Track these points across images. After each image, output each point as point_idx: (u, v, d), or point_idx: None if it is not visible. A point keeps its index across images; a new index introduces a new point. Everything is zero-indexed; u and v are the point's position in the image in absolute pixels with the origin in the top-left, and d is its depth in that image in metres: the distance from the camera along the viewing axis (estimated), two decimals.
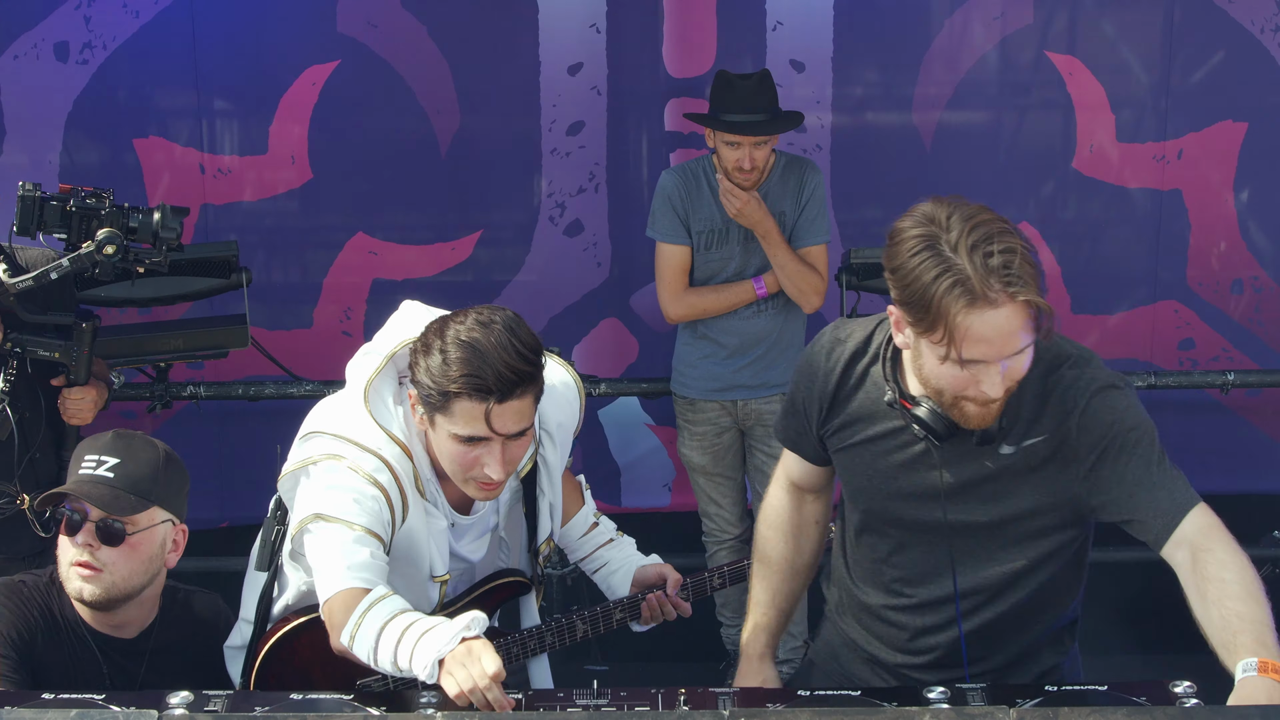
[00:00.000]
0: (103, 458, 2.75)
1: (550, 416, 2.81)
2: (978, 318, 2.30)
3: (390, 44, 4.94)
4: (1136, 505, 2.42)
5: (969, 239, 2.31)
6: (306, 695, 2.46)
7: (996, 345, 2.33)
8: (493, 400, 2.52)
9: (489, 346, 2.52)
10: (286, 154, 5.01)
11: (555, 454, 2.86)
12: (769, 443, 4.61)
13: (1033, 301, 2.30)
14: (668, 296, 4.55)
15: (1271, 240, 5.15)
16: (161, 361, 4.67)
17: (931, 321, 2.33)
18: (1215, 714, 2.23)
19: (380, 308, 5.13)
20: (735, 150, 4.35)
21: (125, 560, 2.74)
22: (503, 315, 2.58)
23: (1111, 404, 2.45)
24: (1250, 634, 2.22)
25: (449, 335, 2.56)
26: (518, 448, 2.62)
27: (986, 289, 2.28)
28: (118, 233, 3.47)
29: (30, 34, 4.84)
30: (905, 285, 2.36)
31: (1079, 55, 5.02)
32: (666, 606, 3.00)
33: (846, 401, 2.63)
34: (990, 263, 2.28)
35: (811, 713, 2.28)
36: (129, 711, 2.32)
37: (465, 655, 2.41)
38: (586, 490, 3.14)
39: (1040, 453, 2.49)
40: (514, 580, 2.93)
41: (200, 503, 5.17)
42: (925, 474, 2.56)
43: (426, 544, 2.73)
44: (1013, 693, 2.45)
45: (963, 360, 2.34)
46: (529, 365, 2.55)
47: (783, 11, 4.97)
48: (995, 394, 2.37)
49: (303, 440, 2.75)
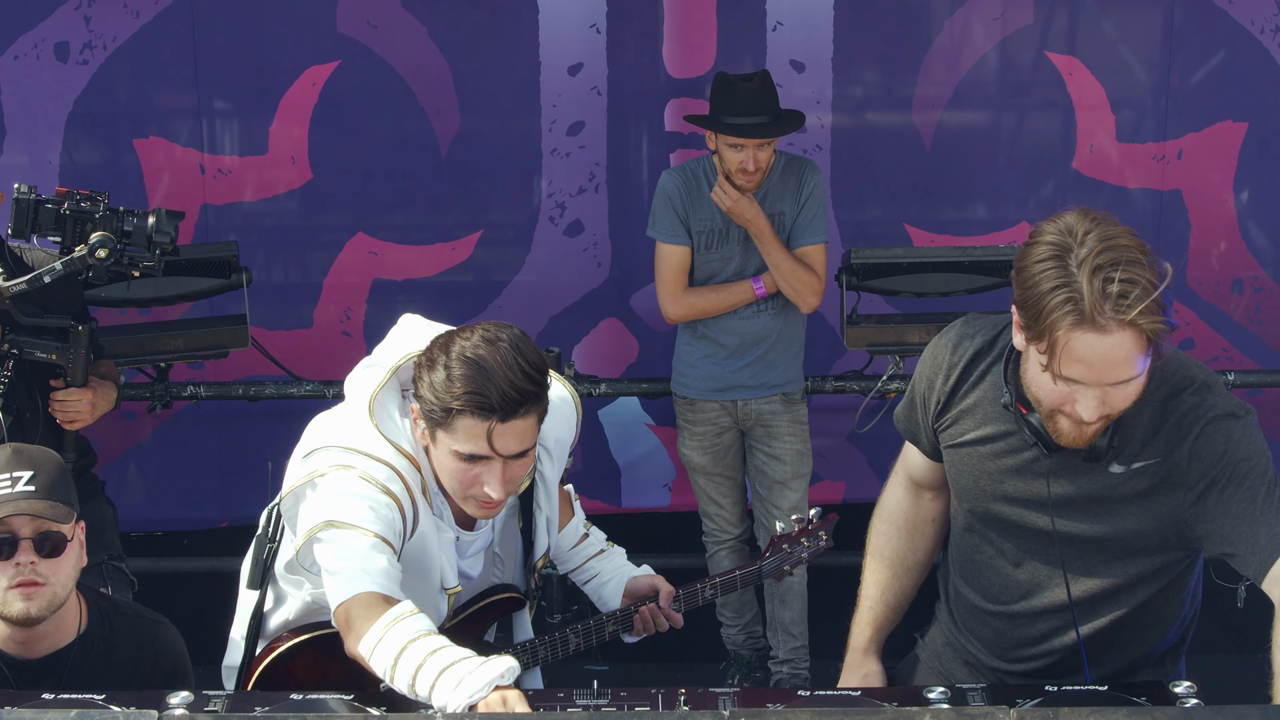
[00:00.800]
0: (15, 473, 2.71)
1: (549, 432, 2.77)
2: (1081, 338, 2.27)
3: (390, 44, 4.94)
4: (1238, 539, 2.38)
5: (1095, 260, 2.26)
6: (306, 695, 2.46)
7: (1096, 370, 2.29)
8: (495, 419, 2.50)
9: (494, 365, 2.49)
10: (286, 154, 5.01)
11: (553, 469, 2.83)
12: (769, 443, 4.61)
13: (1145, 333, 2.25)
14: (667, 296, 4.55)
15: (1271, 240, 5.15)
16: (161, 361, 4.67)
17: (1039, 330, 2.31)
18: (1215, 714, 2.23)
19: (380, 308, 5.14)
20: (739, 152, 4.35)
21: (64, 569, 2.74)
22: (509, 333, 2.55)
23: (1226, 432, 2.41)
24: None
25: (454, 351, 2.53)
26: (519, 467, 2.60)
27: (1097, 313, 2.24)
28: (111, 236, 3.46)
29: (30, 34, 4.84)
30: (1024, 288, 2.34)
31: (1079, 55, 5.02)
32: (659, 618, 2.99)
33: (964, 398, 2.60)
34: (1109, 289, 2.24)
35: (811, 713, 2.28)
36: (129, 711, 2.33)
37: (499, 706, 2.36)
38: (576, 501, 3.12)
39: (1150, 476, 2.45)
40: (510, 597, 2.91)
41: (200, 503, 5.21)
42: (1032, 481, 2.53)
43: (437, 555, 2.71)
44: (1013, 693, 2.45)
45: (1061, 376, 2.32)
46: (534, 385, 2.52)
47: (783, 11, 4.96)
48: (1088, 417, 2.33)
49: (305, 458, 2.69)
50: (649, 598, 3.01)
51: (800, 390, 4.66)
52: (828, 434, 5.10)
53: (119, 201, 3.58)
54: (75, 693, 2.63)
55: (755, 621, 4.86)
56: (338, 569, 2.56)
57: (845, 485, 5.28)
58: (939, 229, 5.11)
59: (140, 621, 2.96)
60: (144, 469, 5.24)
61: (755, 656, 4.86)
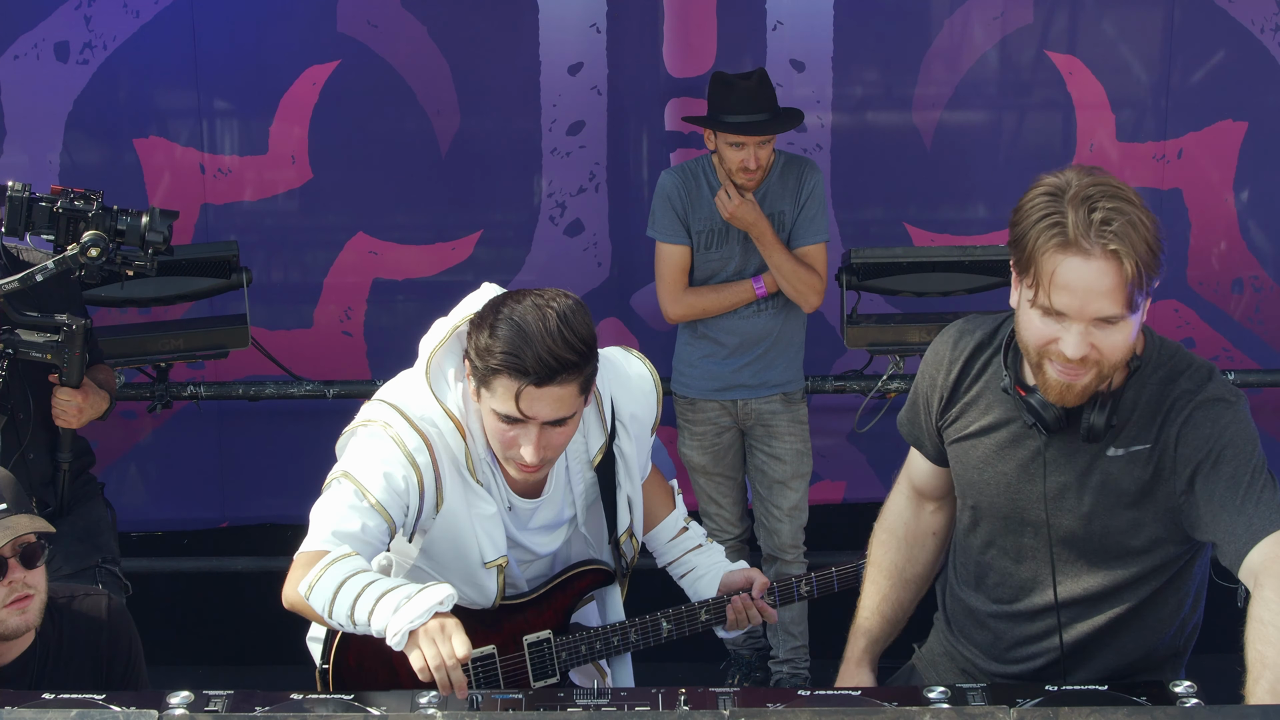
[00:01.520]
0: None
1: (624, 407, 2.83)
2: (1064, 263, 2.30)
3: (390, 44, 4.94)
4: (1219, 526, 2.38)
5: (1084, 192, 2.31)
6: (306, 695, 2.46)
7: (1079, 298, 2.31)
8: (529, 383, 2.53)
9: (535, 330, 2.52)
10: (287, 154, 5.01)
11: (631, 446, 2.85)
12: (769, 443, 4.61)
13: (1127, 266, 2.28)
14: (667, 296, 4.55)
15: (1271, 240, 5.15)
16: (161, 361, 4.67)
17: (1026, 261, 2.36)
18: (1215, 714, 2.23)
19: (380, 307, 5.14)
20: (740, 151, 4.35)
21: (43, 574, 2.77)
22: (562, 302, 2.58)
23: (1214, 417, 2.41)
24: (1268, 680, 2.20)
25: (503, 312, 2.57)
26: (558, 434, 2.62)
27: (1080, 237, 2.28)
28: (103, 235, 3.45)
29: (30, 34, 4.84)
30: (1015, 225, 2.39)
31: (1079, 55, 5.02)
32: (752, 610, 2.98)
33: (967, 390, 2.61)
34: (1093, 216, 2.29)
35: (811, 713, 2.28)
36: (129, 711, 2.32)
37: (438, 632, 2.41)
38: (678, 495, 3.13)
39: (1145, 462, 2.45)
40: (594, 569, 2.92)
41: (200, 503, 5.21)
42: (1034, 472, 2.53)
43: (471, 529, 2.72)
44: (1013, 692, 2.45)
45: (1047, 307, 2.34)
46: (574, 354, 2.54)
47: (783, 11, 4.96)
48: (1072, 353, 2.33)
49: (367, 405, 2.76)
50: (745, 589, 3.00)
51: (800, 390, 4.66)
52: (828, 434, 5.10)
53: (119, 201, 3.58)
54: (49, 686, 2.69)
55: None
56: (317, 519, 2.62)
57: (845, 485, 5.28)
58: (939, 229, 5.11)
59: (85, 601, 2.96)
60: (144, 469, 5.25)
61: (755, 656, 4.86)
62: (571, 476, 2.83)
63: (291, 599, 2.63)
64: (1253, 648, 2.25)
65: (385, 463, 2.64)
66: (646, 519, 3.06)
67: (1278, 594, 2.27)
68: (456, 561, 2.76)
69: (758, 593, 2.99)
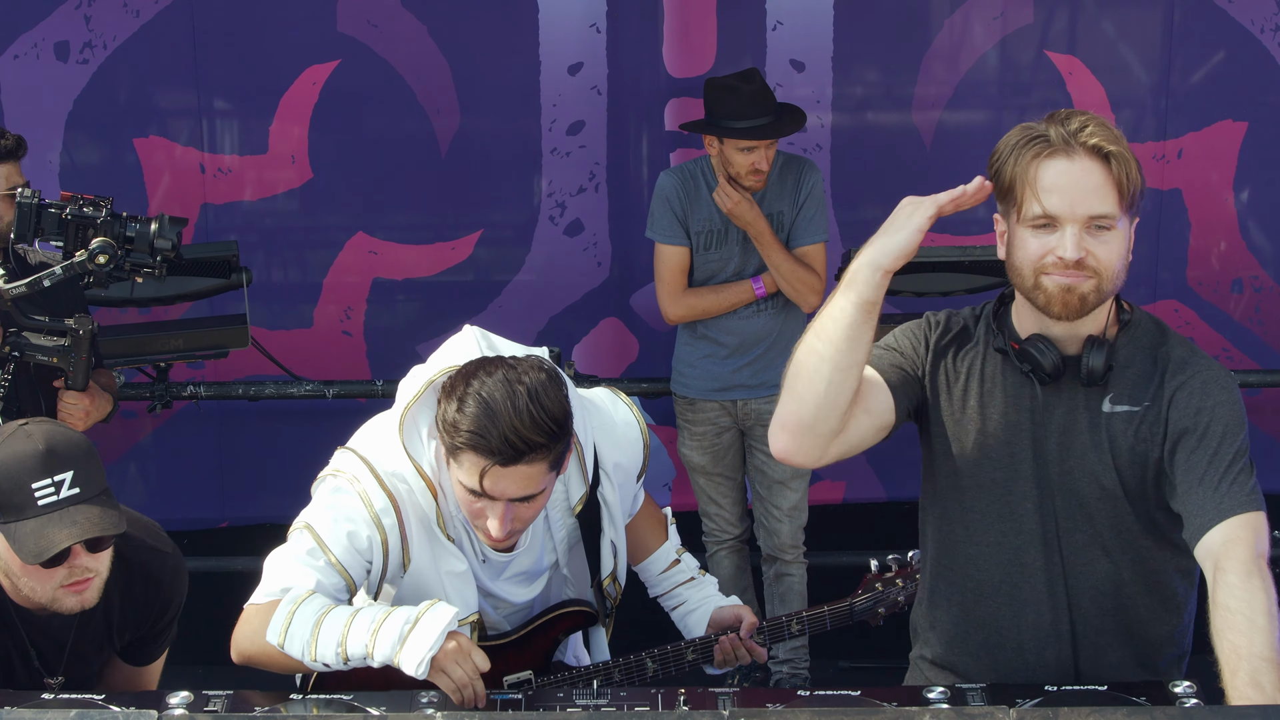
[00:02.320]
0: (56, 476, 2.57)
1: (608, 456, 2.77)
2: (1049, 166, 2.36)
3: (390, 44, 4.94)
4: (1189, 499, 2.36)
5: (1058, 116, 2.40)
6: (306, 695, 2.46)
7: (1069, 197, 2.35)
8: (495, 462, 2.48)
9: (504, 409, 2.45)
10: (286, 154, 5.02)
11: (614, 494, 2.80)
12: (769, 442, 4.60)
13: (1112, 159, 2.34)
14: (667, 297, 4.55)
15: (1271, 240, 5.15)
16: (161, 361, 4.68)
17: (1011, 182, 2.40)
18: (1215, 714, 2.22)
19: (380, 307, 5.15)
20: (751, 154, 4.36)
21: (108, 553, 2.67)
22: (534, 376, 2.50)
23: (1211, 391, 2.41)
24: (1245, 671, 2.18)
25: (473, 385, 2.50)
26: (526, 509, 2.57)
27: (1062, 142, 2.35)
28: (111, 242, 3.45)
29: (30, 34, 4.84)
30: (995, 164, 2.44)
31: (1079, 55, 5.02)
32: (740, 649, 2.92)
33: (954, 358, 2.57)
34: (1070, 125, 2.37)
35: (811, 713, 2.28)
36: (129, 711, 2.33)
37: (458, 653, 2.42)
38: (672, 525, 3.09)
39: (1138, 425, 2.44)
40: (576, 610, 2.89)
41: (200, 503, 5.21)
42: (1028, 427, 2.49)
43: (439, 588, 2.68)
44: (1013, 693, 2.45)
45: (1037, 215, 2.36)
46: (542, 436, 2.47)
47: (783, 11, 4.97)
48: (1070, 253, 2.35)
49: (340, 450, 2.72)
50: (733, 628, 2.94)
51: None
52: None
53: (120, 202, 3.58)
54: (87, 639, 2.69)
55: None
56: (275, 570, 2.61)
57: (845, 485, 5.28)
58: (939, 228, 5.01)
59: (153, 556, 2.87)
60: (144, 469, 5.25)
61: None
62: (552, 525, 2.79)
63: (249, 650, 2.59)
64: (1224, 638, 2.22)
65: (349, 520, 2.61)
66: (638, 550, 3.03)
67: (1241, 579, 2.24)
68: None
69: (746, 632, 2.92)
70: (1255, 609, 2.22)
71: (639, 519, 3.00)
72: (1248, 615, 2.21)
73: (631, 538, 3.01)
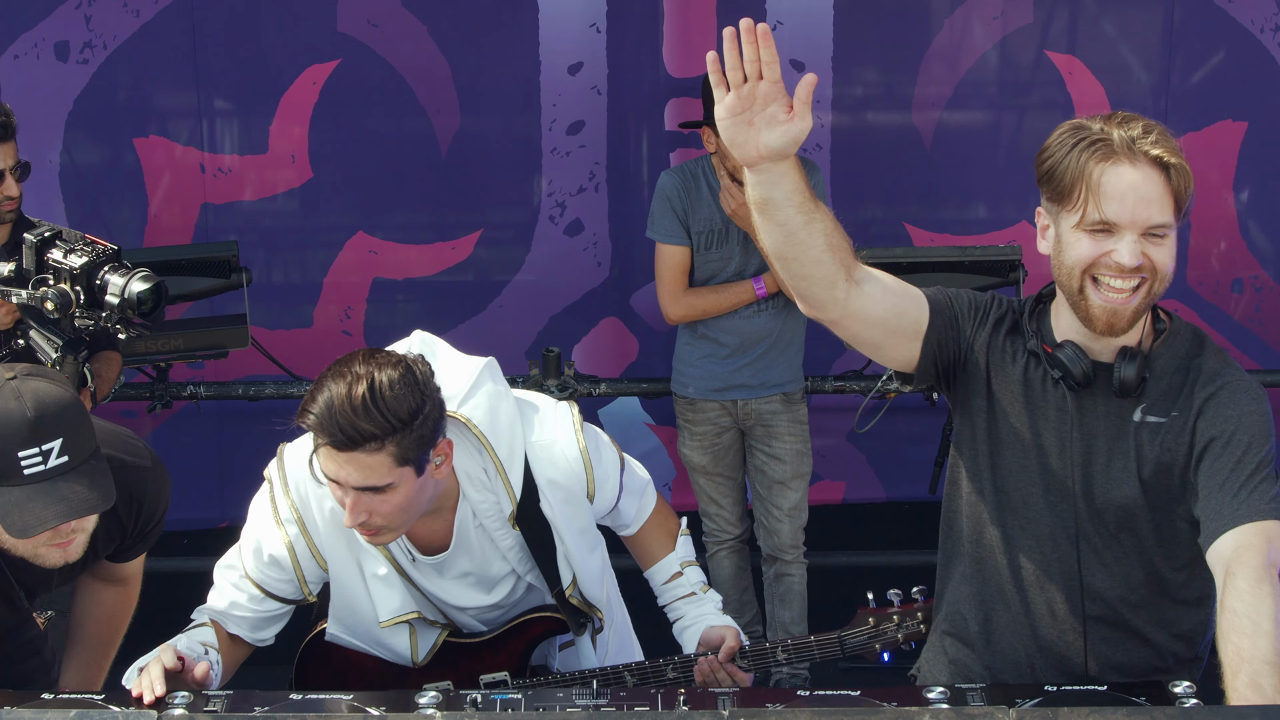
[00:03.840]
0: (45, 444, 2.43)
1: (542, 473, 2.75)
2: (1112, 172, 2.36)
3: (390, 44, 4.94)
4: (1208, 503, 2.36)
5: (1117, 116, 2.41)
6: (306, 695, 2.46)
7: (1129, 205, 2.36)
8: (328, 443, 2.50)
9: (336, 395, 2.47)
10: (286, 153, 5.02)
11: (555, 510, 2.77)
12: (769, 443, 4.61)
13: (1172, 170, 2.37)
14: (667, 297, 4.55)
15: (1271, 240, 5.15)
16: (161, 361, 4.67)
17: (1069, 185, 2.38)
18: (1215, 714, 2.22)
19: (380, 307, 5.14)
20: None
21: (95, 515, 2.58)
22: (385, 373, 2.50)
23: (1239, 402, 2.41)
24: (1247, 673, 2.18)
25: (332, 369, 2.53)
26: (381, 503, 2.55)
27: (1125, 148, 2.36)
28: (70, 294, 3.29)
29: (30, 34, 4.84)
30: (1047, 160, 2.42)
31: (1079, 55, 5.02)
32: (720, 672, 2.86)
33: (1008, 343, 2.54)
34: (1131, 130, 2.37)
35: (811, 713, 2.28)
36: (129, 711, 2.33)
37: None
38: (684, 536, 3.07)
39: (1166, 434, 2.44)
40: (547, 616, 2.89)
41: (200, 502, 5.20)
42: (1058, 433, 2.49)
43: (362, 589, 2.74)
44: (1012, 693, 2.45)
45: (1096, 221, 2.36)
46: (374, 426, 2.47)
47: (783, 11, 4.96)
48: (1128, 260, 2.35)
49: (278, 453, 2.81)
50: (717, 649, 2.90)
51: (800, 390, 4.66)
52: (828, 434, 5.10)
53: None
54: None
55: (755, 621, 4.86)
56: (213, 584, 2.82)
57: (845, 485, 5.28)
58: (939, 229, 5.11)
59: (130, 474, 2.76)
60: None
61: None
62: (491, 533, 2.77)
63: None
64: (1228, 640, 2.22)
65: (259, 528, 2.75)
66: (643, 557, 3.05)
67: (1250, 584, 2.25)
68: (358, 623, 2.78)
69: (724, 656, 2.87)
70: (1262, 614, 2.22)
71: (646, 527, 3.01)
72: (1254, 619, 2.21)
73: (637, 545, 3.04)
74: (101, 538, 2.76)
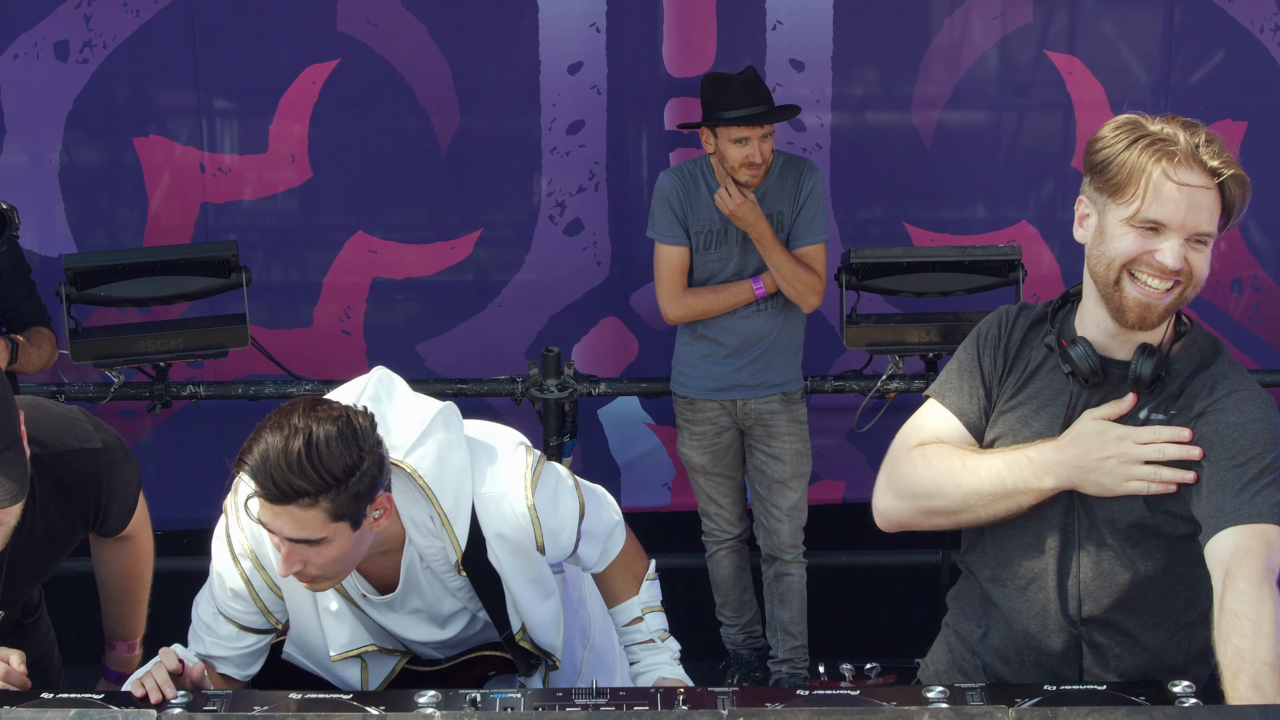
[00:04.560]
0: None
1: (489, 525, 2.69)
2: (1174, 175, 2.35)
3: (390, 43, 4.94)
4: (1209, 503, 2.36)
5: (1176, 121, 2.38)
6: (306, 695, 2.46)
7: (1182, 211, 2.35)
8: (261, 495, 2.46)
9: (271, 447, 2.41)
10: (286, 153, 5.02)
11: (501, 561, 2.72)
12: (769, 442, 4.61)
13: (1229, 182, 2.37)
14: (666, 297, 4.54)
15: (1271, 240, 5.15)
16: (161, 361, 4.67)
17: (1125, 178, 2.36)
18: (1214, 714, 2.22)
19: (380, 307, 5.14)
20: (743, 147, 4.35)
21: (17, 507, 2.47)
22: (323, 429, 2.44)
23: (1245, 409, 2.41)
24: (1247, 675, 2.18)
25: (272, 419, 2.47)
26: (315, 555, 2.50)
27: (1190, 152, 2.34)
28: None
29: (30, 33, 4.84)
30: (1101, 151, 2.39)
31: (1079, 55, 5.02)
32: None
33: (1021, 358, 2.57)
34: (1195, 138, 2.36)
35: (811, 712, 2.28)
36: (128, 711, 2.33)
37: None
38: (650, 581, 3.04)
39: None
40: (495, 655, 2.88)
41: (200, 502, 5.18)
42: (1060, 424, 2.49)
43: (315, 623, 2.73)
44: (1012, 692, 2.45)
45: (1148, 220, 2.35)
46: (306, 483, 2.41)
47: (783, 11, 4.96)
48: (1171, 262, 2.35)
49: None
50: None
51: (800, 390, 4.66)
52: (827, 434, 5.10)
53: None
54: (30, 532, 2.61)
55: (755, 621, 4.86)
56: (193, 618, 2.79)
57: (845, 485, 5.28)
58: (939, 228, 5.11)
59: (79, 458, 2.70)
60: (144, 469, 5.19)
61: (755, 656, 4.86)
62: (439, 575, 2.73)
63: None
64: (1228, 641, 2.22)
65: (220, 563, 2.74)
66: (607, 597, 3.04)
67: (1250, 585, 2.24)
68: (311, 651, 2.77)
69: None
70: (1263, 616, 2.21)
71: (611, 569, 2.99)
72: (1255, 621, 2.21)
73: (601, 584, 3.04)
74: (63, 530, 2.72)
